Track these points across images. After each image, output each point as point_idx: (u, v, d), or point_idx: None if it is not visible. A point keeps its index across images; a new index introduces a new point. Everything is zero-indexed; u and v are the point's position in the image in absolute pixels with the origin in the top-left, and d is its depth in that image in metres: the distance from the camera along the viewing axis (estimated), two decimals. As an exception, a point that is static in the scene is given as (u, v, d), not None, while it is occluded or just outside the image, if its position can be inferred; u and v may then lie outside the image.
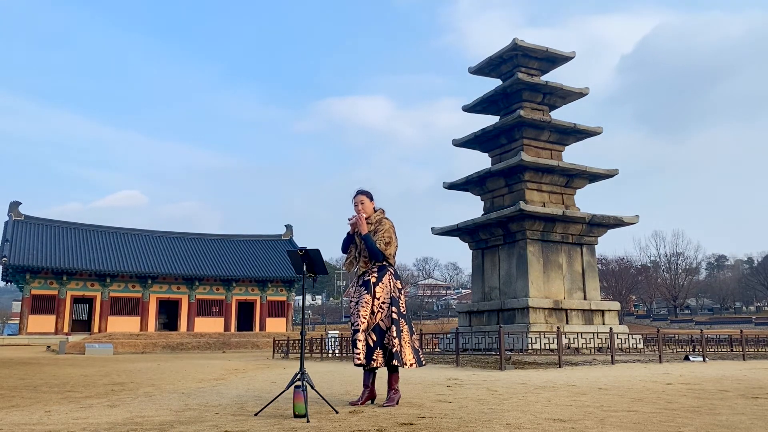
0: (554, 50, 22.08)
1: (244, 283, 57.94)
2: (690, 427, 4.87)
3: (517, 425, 4.94)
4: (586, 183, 22.00)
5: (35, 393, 8.72)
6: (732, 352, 19.85)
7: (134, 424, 5.20)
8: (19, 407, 6.79)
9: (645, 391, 8.01)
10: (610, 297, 71.40)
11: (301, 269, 6.14)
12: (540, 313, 19.35)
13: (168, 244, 58.70)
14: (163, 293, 55.20)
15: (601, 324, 20.25)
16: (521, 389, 8.41)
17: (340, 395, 7.57)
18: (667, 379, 10.37)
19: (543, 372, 12.76)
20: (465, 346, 18.44)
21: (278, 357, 27.09)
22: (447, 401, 6.83)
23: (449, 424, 5.00)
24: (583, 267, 21.04)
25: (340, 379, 10.98)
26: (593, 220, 20.67)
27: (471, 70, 23.42)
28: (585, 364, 15.23)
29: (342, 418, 5.43)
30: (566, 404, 6.50)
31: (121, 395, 8.14)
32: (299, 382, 5.52)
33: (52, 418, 5.68)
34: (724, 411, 5.90)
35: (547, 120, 21.11)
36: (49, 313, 50.39)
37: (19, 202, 54.35)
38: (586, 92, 22.39)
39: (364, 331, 6.30)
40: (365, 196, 6.68)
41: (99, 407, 6.61)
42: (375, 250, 6.44)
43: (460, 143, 23.34)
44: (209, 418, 5.55)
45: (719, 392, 7.87)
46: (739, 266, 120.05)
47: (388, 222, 6.66)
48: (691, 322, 78.10)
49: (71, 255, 52.11)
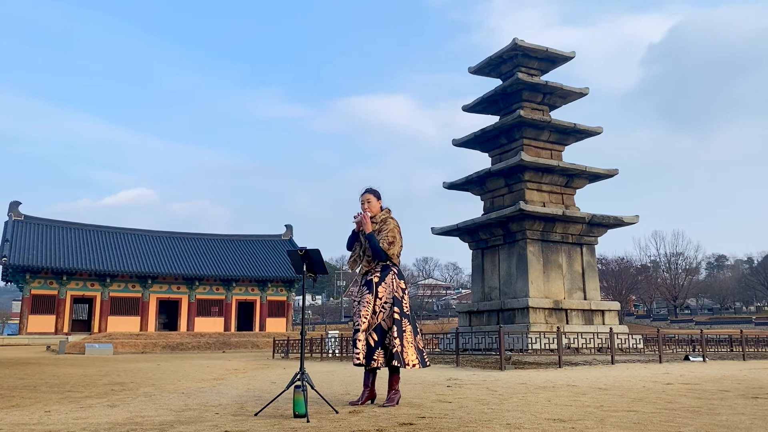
0: (554, 50, 22.09)
1: (244, 283, 57.92)
2: (690, 427, 4.87)
3: (517, 425, 4.94)
4: (586, 183, 22.01)
5: (35, 393, 8.72)
6: (732, 352, 19.84)
7: (134, 424, 5.20)
8: (19, 407, 6.79)
9: (645, 391, 8.01)
10: (610, 297, 71.35)
11: (301, 269, 6.13)
12: (540, 313, 19.36)
13: (168, 244, 58.70)
14: (163, 293, 55.19)
15: (601, 324, 20.26)
16: (521, 389, 8.40)
17: (340, 395, 7.57)
18: (667, 379, 10.37)
19: (543, 372, 12.75)
20: (465, 346, 18.44)
21: (278, 357, 27.09)
22: (447, 401, 6.83)
23: (449, 424, 5.00)
24: (583, 267, 21.05)
25: (340, 379, 10.97)
26: (593, 220, 20.68)
27: (471, 70, 23.41)
28: (585, 364, 15.24)
29: (342, 418, 5.43)
30: (566, 404, 6.50)
31: (121, 395, 8.14)
32: (299, 382, 5.52)
33: (52, 418, 5.68)
34: (724, 411, 5.90)
35: (547, 120, 21.12)
36: (49, 313, 50.37)
37: (19, 201, 54.30)
38: (586, 92, 22.40)
39: (364, 331, 6.28)
40: (372, 194, 6.66)
41: (99, 407, 6.61)
42: (378, 250, 6.42)
43: (459, 143, 23.33)
44: (209, 418, 5.55)
45: (719, 392, 7.87)
46: (739, 266, 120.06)
47: (393, 222, 6.63)
48: (691, 322, 78.13)
49: (71, 255, 52.10)
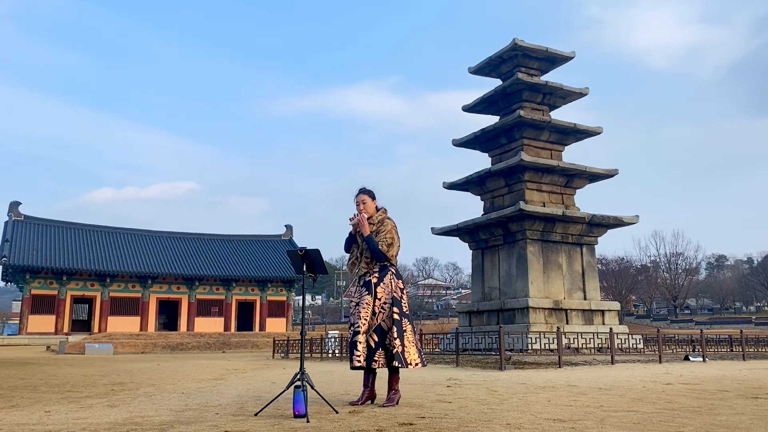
0: (554, 50, 22.09)
1: (244, 283, 57.92)
2: (690, 427, 4.87)
3: (517, 425, 4.94)
4: (586, 183, 22.01)
5: (35, 393, 8.71)
6: (732, 352, 19.85)
7: (134, 424, 5.20)
8: (19, 407, 6.79)
9: (645, 391, 8.01)
10: (610, 297, 71.37)
11: (301, 269, 6.13)
12: (540, 313, 19.36)
13: (168, 244, 58.69)
14: (163, 293, 55.19)
15: (601, 324, 20.25)
16: (521, 389, 8.40)
17: (340, 395, 7.57)
18: (667, 379, 10.37)
19: (543, 372, 12.75)
20: (465, 346, 18.44)
21: (278, 357, 27.09)
22: (447, 401, 6.83)
23: (449, 424, 4.99)
24: (583, 267, 21.05)
25: (340, 379, 10.97)
26: (593, 220, 20.68)
27: (471, 70, 23.40)
28: (585, 364, 15.24)
29: (342, 418, 5.43)
30: (566, 404, 6.50)
31: (121, 395, 8.14)
32: (299, 382, 5.52)
33: (52, 418, 5.68)
34: (724, 411, 5.90)
35: (547, 120, 21.12)
36: (49, 313, 50.38)
37: (19, 202, 54.30)
38: (586, 92, 22.41)
39: (365, 333, 6.27)
40: (367, 195, 6.62)
41: (99, 407, 6.61)
42: (377, 252, 6.41)
43: (459, 143, 23.33)
44: (209, 418, 5.55)
45: (719, 392, 7.87)
46: (739, 266, 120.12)
47: (391, 222, 6.61)
48: (691, 322, 78.18)
49: (71, 255, 52.09)
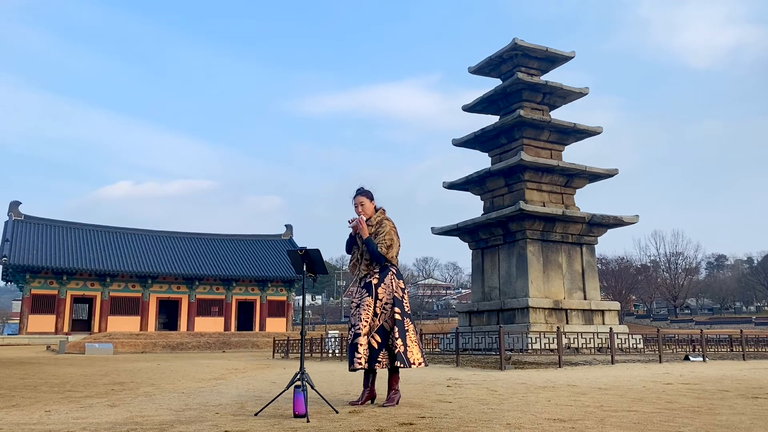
0: (554, 50, 22.09)
1: (244, 283, 57.94)
2: (690, 427, 4.87)
3: (517, 425, 4.94)
4: (586, 183, 22.00)
5: (35, 393, 8.72)
6: (732, 352, 19.85)
7: (134, 423, 5.20)
8: (19, 407, 6.79)
9: (645, 391, 8.01)
10: (610, 297, 71.37)
11: (301, 269, 6.13)
12: (540, 313, 19.35)
13: (168, 243, 58.70)
14: (163, 293, 55.21)
15: (601, 324, 20.25)
16: (521, 389, 8.40)
17: (340, 395, 7.57)
18: (667, 379, 10.37)
19: (543, 372, 12.76)
20: (465, 346, 18.44)
21: (278, 357, 27.09)
22: (447, 401, 6.83)
23: (449, 424, 4.99)
24: (582, 267, 21.04)
25: (340, 379, 10.97)
26: (593, 220, 20.68)
27: (471, 69, 23.39)
28: (585, 364, 15.24)
29: (342, 418, 5.43)
30: (566, 404, 6.49)
31: (121, 395, 8.14)
32: (299, 382, 5.52)
33: (52, 418, 5.68)
34: (724, 411, 5.90)
35: (547, 120, 21.11)
36: (49, 313, 50.40)
37: (19, 201, 54.30)
38: (586, 92, 22.40)
39: (366, 335, 6.25)
40: (365, 197, 6.57)
41: (99, 407, 6.61)
42: (377, 254, 6.40)
43: (459, 143, 23.32)
44: (209, 417, 5.55)
45: (719, 392, 7.86)
46: (739, 266, 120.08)
47: (389, 223, 6.58)
48: (691, 322, 78.15)
49: (71, 255, 52.11)
